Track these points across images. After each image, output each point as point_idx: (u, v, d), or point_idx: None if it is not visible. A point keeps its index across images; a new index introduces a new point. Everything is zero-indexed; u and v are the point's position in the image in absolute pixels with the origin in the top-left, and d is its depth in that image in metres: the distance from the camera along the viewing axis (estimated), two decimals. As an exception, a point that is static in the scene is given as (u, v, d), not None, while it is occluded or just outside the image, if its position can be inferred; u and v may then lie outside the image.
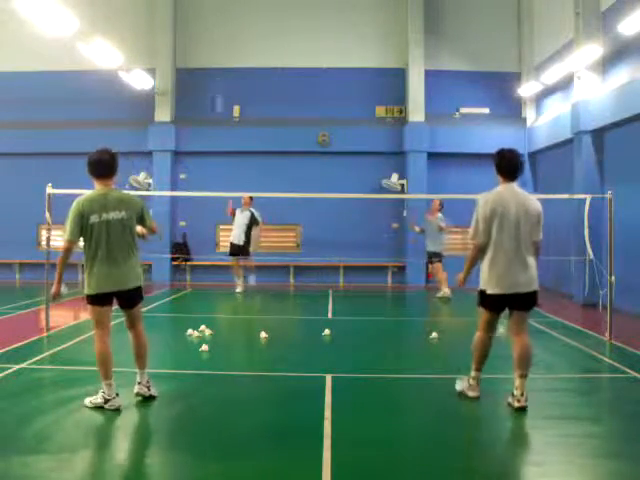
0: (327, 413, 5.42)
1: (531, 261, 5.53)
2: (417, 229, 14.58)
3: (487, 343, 5.76)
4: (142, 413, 5.63)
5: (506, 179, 5.63)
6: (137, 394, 5.79)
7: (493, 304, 5.61)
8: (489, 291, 5.55)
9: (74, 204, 5.50)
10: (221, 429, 5.18)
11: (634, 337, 9.00)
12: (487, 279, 5.56)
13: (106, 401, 5.47)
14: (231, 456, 4.56)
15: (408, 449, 4.86)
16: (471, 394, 5.84)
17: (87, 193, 5.63)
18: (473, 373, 5.85)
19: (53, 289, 5.62)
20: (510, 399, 5.59)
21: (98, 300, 5.52)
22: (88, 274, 5.52)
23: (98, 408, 5.48)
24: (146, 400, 5.79)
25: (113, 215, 5.47)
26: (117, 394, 5.53)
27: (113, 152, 5.68)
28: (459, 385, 6.00)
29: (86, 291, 5.53)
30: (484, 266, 5.59)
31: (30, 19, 10.84)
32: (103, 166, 5.59)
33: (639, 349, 8.14)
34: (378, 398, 6.20)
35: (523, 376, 5.52)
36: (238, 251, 14.58)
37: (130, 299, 5.67)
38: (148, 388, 5.81)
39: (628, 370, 7.10)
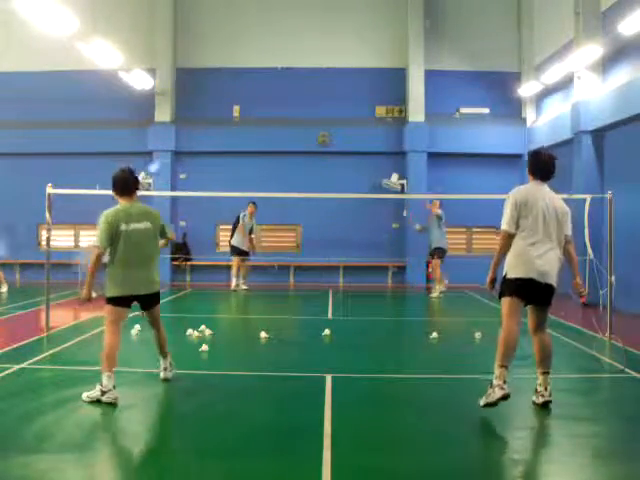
0: (327, 413, 5.42)
1: (556, 255, 5.53)
2: (418, 227, 14.83)
3: (515, 331, 5.43)
4: (142, 413, 5.63)
5: (536, 179, 5.71)
6: (164, 379, 6.35)
7: (515, 288, 5.50)
8: (511, 275, 5.52)
9: (102, 216, 5.85)
10: (221, 429, 5.18)
11: (634, 337, 8.99)
12: (511, 264, 5.53)
13: (103, 393, 5.58)
14: (231, 456, 4.55)
15: (408, 449, 4.85)
16: (498, 394, 5.28)
17: (113, 207, 5.98)
18: (497, 371, 5.35)
19: (84, 293, 5.86)
20: (534, 397, 5.65)
21: (118, 302, 5.86)
22: (111, 277, 5.86)
23: (98, 408, 5.50)
24: (146, 399, 5.80)
25: (138, 225, 5.90)
26: (114, 387, 5.63)
27: (133, 170, 6.11)
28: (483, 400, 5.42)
29: (108, 293, 5.87)
30: (510, 253, 5.57)
31: (30, 19, 10.84)
32: (127, 185, 6.01)
33: (639, 349, 8.14)
34: (378, 398, 6.20)
35: (545, 373, 5.58)
36: (244, 253, 14.94)
37: (149, 302, 6.09)
38: (171, 371, 6.46)
39: (628, 370, 7.10)
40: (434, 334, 9.00)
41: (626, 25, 10.45)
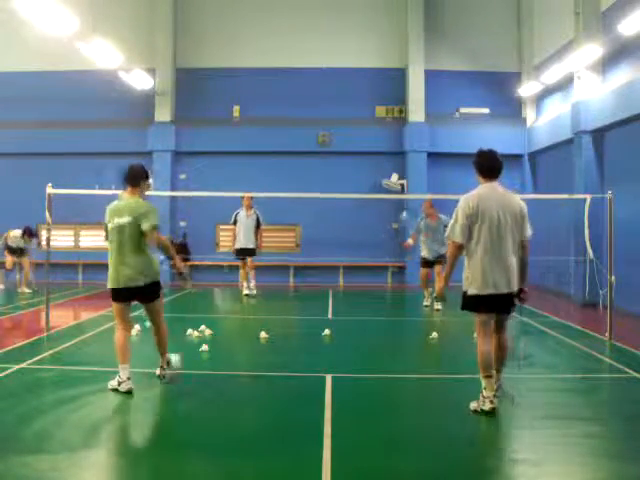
0: (327, 413, 5.42)
1: (513, 262, 5.39)
2: (410, 242, 12.84)
3: (486, 346, 5.45)
4: (141, 413, 5.64)
5: (486, 179, 5.62)
6: (160, 376, 6.37)
7: (477, 304, 5.45)
8: (470, 292, 5.42)
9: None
10: (221, 429, 5.18)
11: (634, 337, 9.00)
12: (469, 279, 5.43)
13: (119, 383, 5.85)
14: (231, 456, 4.55)
15: (408, 449, 4.86)
16: (487, 406, 5.33)
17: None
18: (484, 382, 5.40)
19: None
20: (475, 403, 5.43)
21: (115, 296, 6.12)
22: (109, 271, 6.18)
23: (97, 408, 5.54)
24: (146, 399, 5.82)
25: (122, 220, 6.05)
26: (129, 378, 5.85)
27: (142, 166, 6.34)
28: (473, 404, 5.47)
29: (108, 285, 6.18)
30: (466, 267, 5.48)
31: (30, 19, 10.84)
32: (126, 178, 6.23)
33: (639, 349, 8.14)
34: (378, 398, 6.20)
35: (499, 371, 5.55)
36: (248, 254, 14.27)
37: (144, 295, 6.15)
38: (167, 369, 6.49)
39: (628, 370, 7.10)
40: (434, 334, 9.00)
41: (626, 25, 10.44)
